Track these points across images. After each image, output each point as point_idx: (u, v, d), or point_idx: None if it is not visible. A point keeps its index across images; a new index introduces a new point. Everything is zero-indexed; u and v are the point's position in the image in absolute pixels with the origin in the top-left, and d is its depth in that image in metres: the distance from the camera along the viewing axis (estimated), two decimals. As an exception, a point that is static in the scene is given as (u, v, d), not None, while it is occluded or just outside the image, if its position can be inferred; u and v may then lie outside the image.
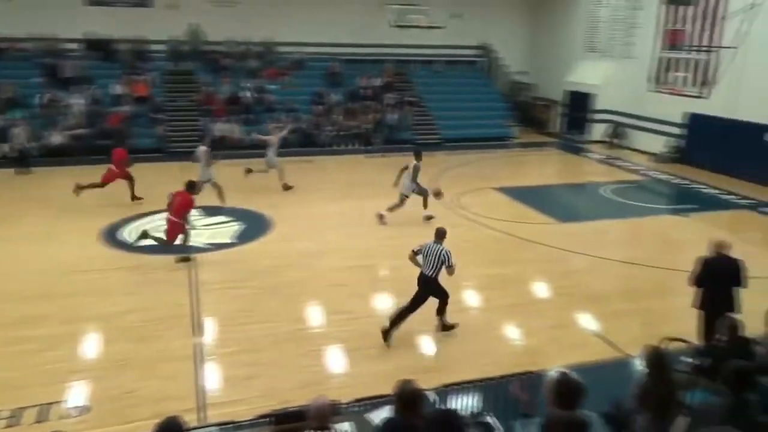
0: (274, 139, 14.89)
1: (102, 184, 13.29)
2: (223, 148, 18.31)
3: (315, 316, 8.47)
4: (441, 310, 7.86)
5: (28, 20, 20.23)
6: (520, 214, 13.56)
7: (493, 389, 5.58)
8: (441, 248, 7.63)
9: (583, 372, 4.67)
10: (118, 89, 19.96)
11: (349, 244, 11.32)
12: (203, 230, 11.87)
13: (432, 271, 7.64)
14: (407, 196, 12.67)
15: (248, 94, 20.98)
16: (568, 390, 3.72)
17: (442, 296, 7.81)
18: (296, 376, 6.80)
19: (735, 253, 7.04)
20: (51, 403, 6.22)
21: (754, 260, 7.09)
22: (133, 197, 13.58)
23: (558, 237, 12.03)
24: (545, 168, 20.03)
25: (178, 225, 10.12)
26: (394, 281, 9.84)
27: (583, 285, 9.74)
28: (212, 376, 6.88)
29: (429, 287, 7.70)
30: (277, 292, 9.12)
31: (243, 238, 11.64)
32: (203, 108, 20.39)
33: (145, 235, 10.39)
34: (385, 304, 8.95)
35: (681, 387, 4.97)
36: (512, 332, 8.15)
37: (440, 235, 7.81)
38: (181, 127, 19.81)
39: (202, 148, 13.59)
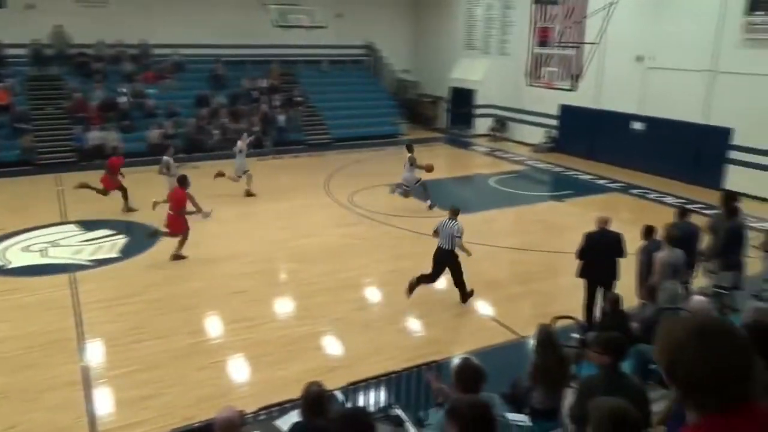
0: (243, 144, 14.69)
1: (104, 191, 13.15)
2: (99, 157, 17.20)
3: (213, 326, 8.18)
4: (457, 282, 8.60)
5: None
6: (413, 209, 13.86)
7: (398, 382, 5.67)
8: (454, 223, 8.43)
9: (482, 356, 4.88)
10: (-27, 98, 18.09)
11: (245, 250, 11.01)
12: (84, 246, 11.08)
13: (445, 244, 8.39)
14: (408, 187, 13.77)
15: (125, 99, 19.82)
16: (469, 375, 3.88)
17: (457, 269, 8.52)
18: (197, 391, 6.53)
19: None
20: None
21: (625, 238, 7.72)
22: (128, 208, 13.18)
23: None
24: (435, 162, 20.46)
25: (176, 218, 10.51)
26: (294, 284, 9.75)
27: (478, 273, 10.09)
28: (105, 401, 6.44)
29: (443, 259, 8.44)
30: (171, 305, 8.70)
31: (130, 251, 10.97)
32: (75, 116, 18.98)
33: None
34: (286, 308, 8.83)
35: (570, 361, 5.33)
36: (414, 324, 8.33)
37: (454, 212, 8.65)
38: (50, 137, 18.33)
39: (165, 158, 13.08)
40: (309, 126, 22.16)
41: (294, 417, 4.18)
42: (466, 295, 8.66)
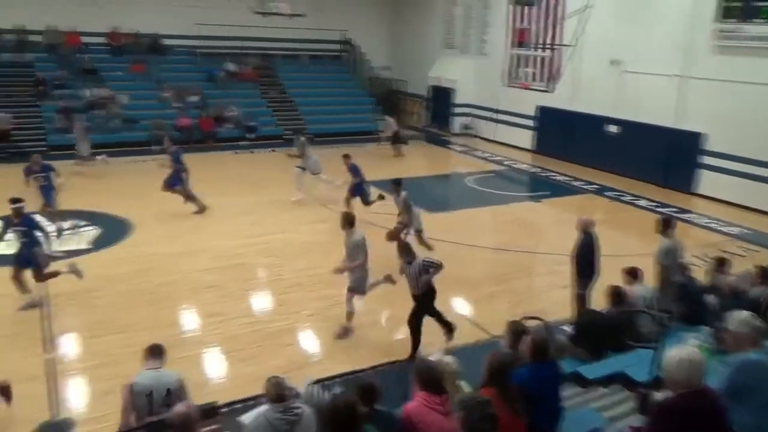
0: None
1: None
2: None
3: (182, 321, 8.03)
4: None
5: None
6: (390, 206, 13.79)
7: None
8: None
9: (455, 355, 4.83)
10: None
11: (216, 244, 10.83)
12: (55, 236, 10.79)
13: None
14: None
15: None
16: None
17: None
18: (163, 387, 6.37)
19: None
20: None
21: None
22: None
23: (428, 226, 12.38)
24: (412, 160, 20.57)
25: None
26: (267, 280, 9.63)
27: (453, 271, 10.05)
28: (68, 394, 6.32)
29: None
30: (136, 300, 8.51)
31: (100, 243, 10.74)
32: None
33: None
34: (258, 303, 8.71)
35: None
36: (388, 323, 8.26)
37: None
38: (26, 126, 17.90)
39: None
40: (287, 121, 21.97)
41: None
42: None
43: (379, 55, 26.69)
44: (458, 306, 8.83)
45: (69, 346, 7.31)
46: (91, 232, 11.28)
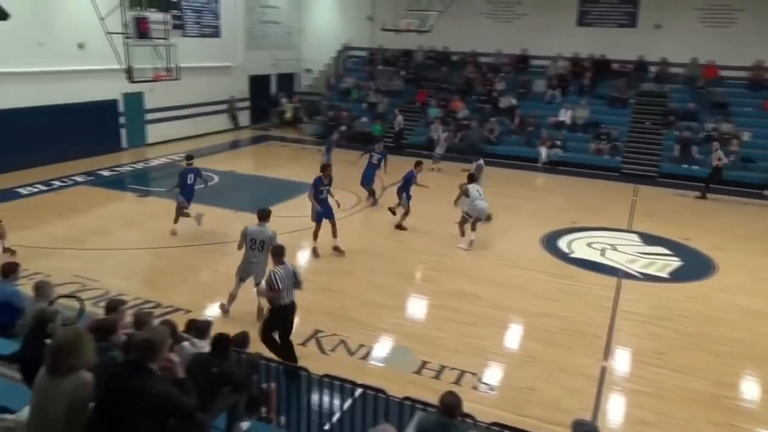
0: None
1: None
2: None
3: (742, 388, 7.29)
4: None
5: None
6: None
7: None
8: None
9: None
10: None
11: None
12: (639, 257, 11.52)
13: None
14: None
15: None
16: None
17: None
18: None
19: None
20: (466, 372, 7.15)
21: None
22: None
23: None
24: None
25: None
26: None
27: None
28: (610, 407, 6.73)
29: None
30: (700, 344, 8.19)
31: (678, 275, 10.80)
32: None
33: None
34: None
35: None
36: None
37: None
38: (638, 150, 19.48)
39: None
40: None
41: None
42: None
43: None
44: None
45: (624, 362, 7.74)
46: (674, 263, 11.40)
